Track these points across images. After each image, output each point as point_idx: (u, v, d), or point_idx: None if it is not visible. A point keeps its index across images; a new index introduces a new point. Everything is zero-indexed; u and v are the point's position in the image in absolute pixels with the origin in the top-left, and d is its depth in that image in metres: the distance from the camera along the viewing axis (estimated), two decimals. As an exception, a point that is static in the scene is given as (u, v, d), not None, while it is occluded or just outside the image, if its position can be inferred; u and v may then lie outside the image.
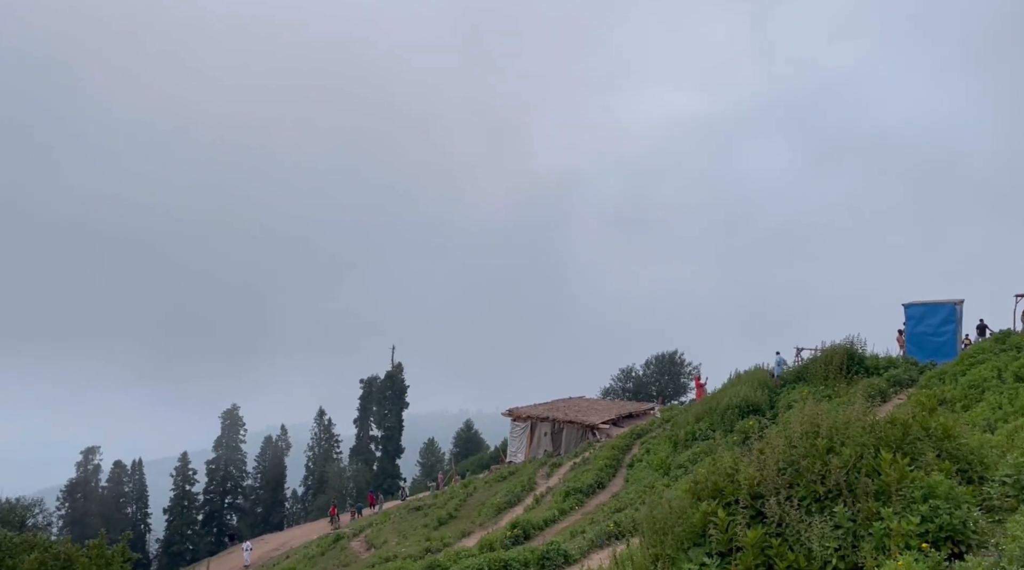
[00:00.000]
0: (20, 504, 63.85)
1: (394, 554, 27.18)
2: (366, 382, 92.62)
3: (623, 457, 34.66)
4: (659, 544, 8.16)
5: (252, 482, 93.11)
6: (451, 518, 35.24)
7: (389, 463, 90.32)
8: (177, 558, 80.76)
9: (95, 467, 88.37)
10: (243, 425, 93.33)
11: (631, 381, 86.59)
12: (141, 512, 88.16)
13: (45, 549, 20.38)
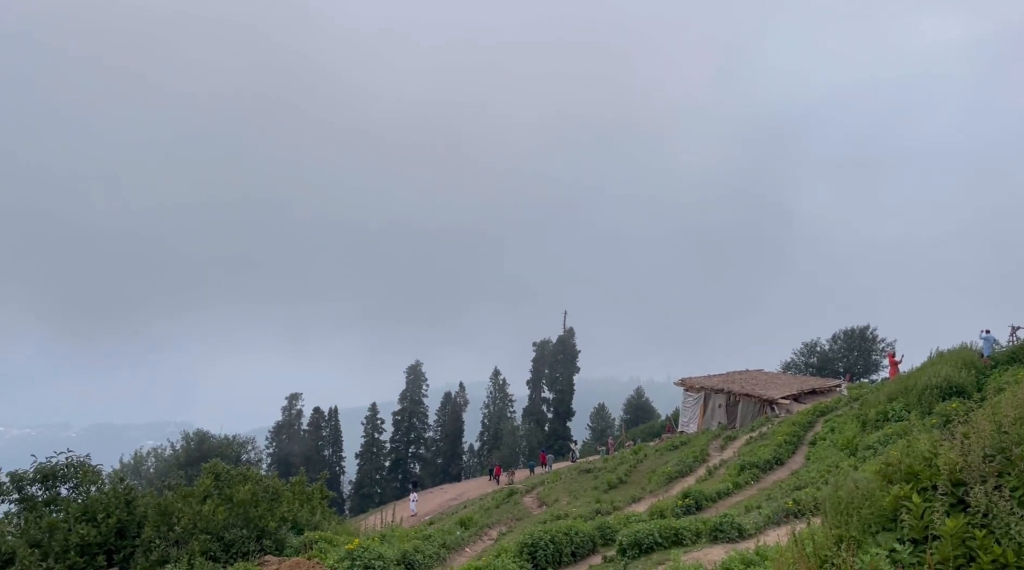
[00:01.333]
0: (236, 441, 72.02)
1: (565, 513, 27.82)
2: (538, 345, 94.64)
3: (804, 434, 33.00)
4: (844, 525, 7.74)
5: (433, 434, 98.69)
6: (621, 483, 35.43)
7: (560, 425, 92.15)
8: (367, 499, 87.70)
9: (297, 412, 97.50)
10: (425, 380, 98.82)
11: (815, 356, 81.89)
12: (336, 455, 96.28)
13: (256, 482, 22.89)
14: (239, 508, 20.38)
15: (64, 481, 21.90)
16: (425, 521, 36.54)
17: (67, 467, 22.14)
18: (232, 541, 19.56)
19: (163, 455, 71.72)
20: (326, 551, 18.78)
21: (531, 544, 16.38)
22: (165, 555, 19.40)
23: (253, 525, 20.18)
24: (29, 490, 21.61)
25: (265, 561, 18.77)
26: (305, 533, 21.20)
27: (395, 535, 21.05)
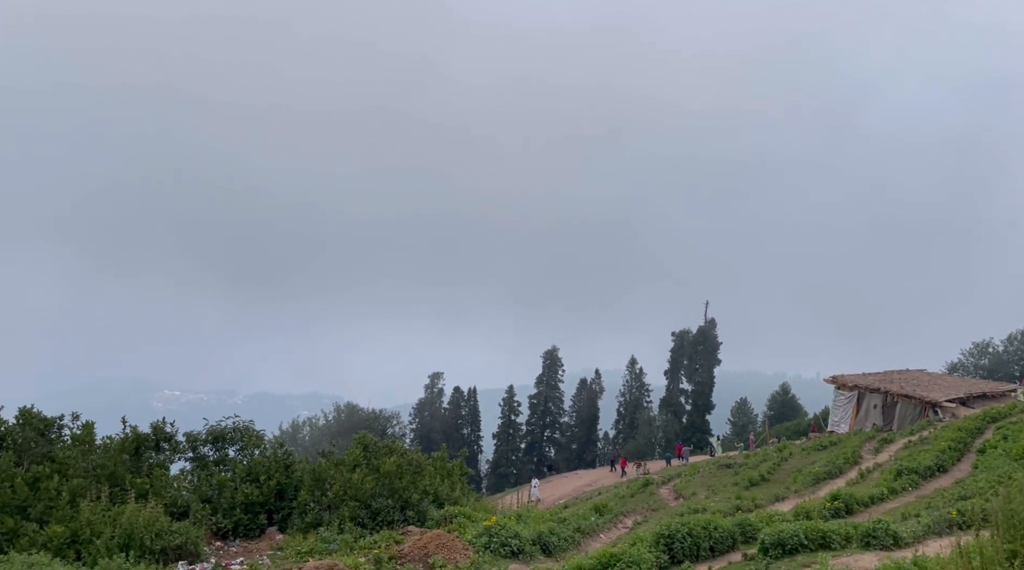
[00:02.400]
0: (382, 415, 75.79)
1: (703, 507, 27.20)
2: (678, 335, 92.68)
3: (972, 441, 30.41)
4: (1018, 540, 7.09)
5: (568, 420, 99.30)
6: (763, 480, 34.16)
7: (698, 418, 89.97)
8: (503, 479, 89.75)
9: (439, 390, 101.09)
10: (561, 366, 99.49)
11: (986, 357, 75.03)
12: (474, 434, 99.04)
13: (401, 455, 24.00)
14: (385, 479, 21.45)
15: (232, 443, 23.91)
16: (559, 504, 36.89)
17: (234, 431, 24.16)
18: (378, 510, 20.64)
19: (317, 425, 76.69)
20: (465, 526, 19.40)
21: (668, 535, 16.14)
22: (318, 518, 20.77)
23: (398, 496, 21.19)
24: (202, 450, 23.78)
25: (408, 531, 19.67)
26: (445, 507, 22.01)
27: (531, 516, 21.39)
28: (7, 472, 18.83)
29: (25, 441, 20.85)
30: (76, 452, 21.18)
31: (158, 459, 22.34)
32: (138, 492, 19.10)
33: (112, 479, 20.06)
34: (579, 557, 15.15)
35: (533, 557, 17.71)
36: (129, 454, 21.70)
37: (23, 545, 16.40)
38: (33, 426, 21.23)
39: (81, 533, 17.01)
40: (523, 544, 17.90)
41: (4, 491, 18.02)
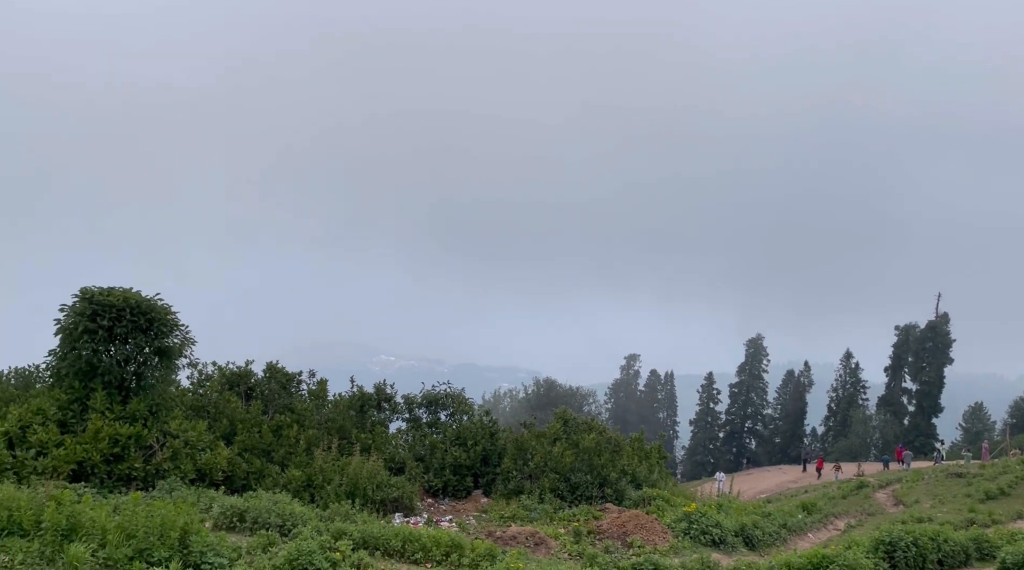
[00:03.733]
0: (579, 392, 76.81)
1: (928, 517, 24.80)
2: (902, 329, 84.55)
3: None
4: None
5: (771, 412, 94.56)
6: (1002, 494, 30.45)
7: (923, 420, 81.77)
8: (699, 467, 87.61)
9: (635, 372, 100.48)
10: (766, 355, 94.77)
11: None
12: (670, 419, 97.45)
13: (600, 432, 24.20)
14: (584, 454, 21.78)
15: (443, 408, 25.40)
16: (761, 499, 35.34)
17: (446, 397, 25.63)
18: (577, 484, 21.03)
19: (516, 397, 79.48)
20: (663, 509, 19.21)
21: (889, 542, 14.89)
22: (520, 486, 21.55)
23: (596, 472, 21.43)
24: (417, 412, 25.50)
25: (606, 508, 19.85)
26: (643, 489, 21.93)
27: (733, 507, 20.71)
28: (256, 419, 21.43)
29: (271, 393, 23.57)
30: (312, 405, 23.62)
31: (379, 417, 24.30)
32: (362, 446, 20.94)
33: (341, 432, 22.15)
34: (787, 554, 14.42)
35: (735, 549, 17.16)
36: (355, 411, 23.80)
37: (267, 484, 18.62)
38: (277, 380, 23.92)
39: (315, 478, 18.97)
40: (725, 534, 17.40)
41: (253, 435, 20.53)
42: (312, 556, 10.26)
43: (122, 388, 18.30)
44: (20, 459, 16.00)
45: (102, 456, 16.45)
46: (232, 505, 13.88)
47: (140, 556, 9.81)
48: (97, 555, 9.68)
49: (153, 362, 18.82)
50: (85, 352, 17.51)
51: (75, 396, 17.67)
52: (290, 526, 13.26)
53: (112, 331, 17.77)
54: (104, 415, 17.14)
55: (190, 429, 18.46)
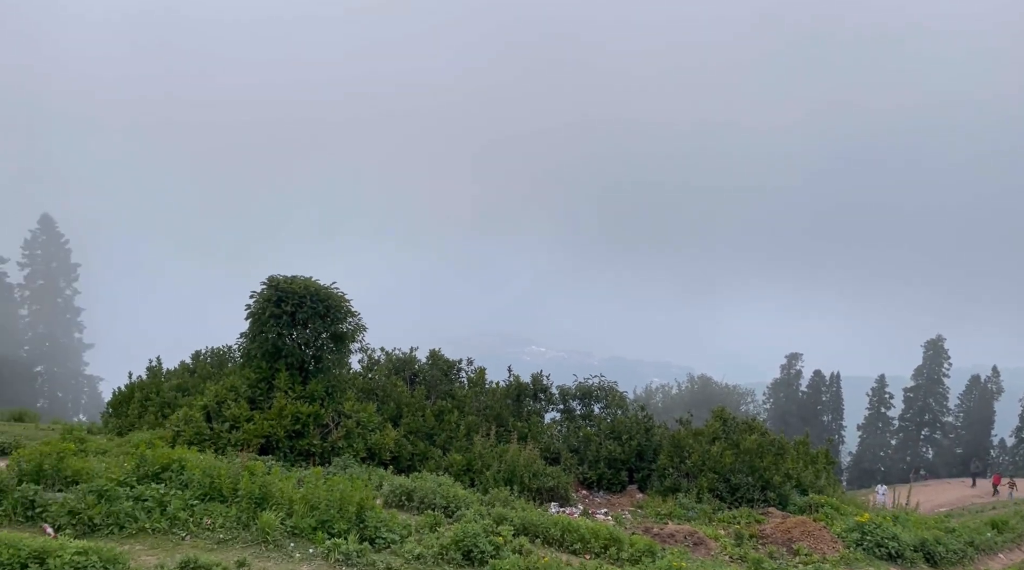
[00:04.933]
0: (736, 391, 74.12)
1: None
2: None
3: None
4: None
5: (952, 420, 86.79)
6: None
7: None
8: (867, 475, 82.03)
9: (797, 372, 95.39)
10: (947, 359, 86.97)
11: None
12: (836, 423, 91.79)
13: (762, 433, 23.20)
14: (745, 455, 20.98)
15: (597, 401, 25.37)
16: (940, 513, 32.56)
17: (600, 390, 25.58)
18: (737, 485, 20.31)
19: (669, 393, 77.92)
20: (832, 517, 18.15)
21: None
22: (676, 484, 21.14)
23: (758, 475, 20.59)
24: (571, 404, 25.63)
25: (768, 512, 19.04)
26: (809, 495, 20.83)
27: (910, 520, 19.23)
28: (420, 403, 22.42)
29: (433, 379, 24.57)
30: (471, 392, 24.38)
31: (534, 407, 24.66)
32: (519, 434, 21.36)
33: (498, 420, 22.70)
34: (977, 576, 13.21)
35: (914, 564, 15.93)
36: (512, 399, 24.30)
37: (430, 466, 19.44)
38: (439, 367, 24.89)
39: (474, 463, 19.58)
40: (902, 548, 16.18)
41: (417, 419, 21.50)
42: (477, 538, 10.60)
43: (302, 370, 19.74)
44: (216, 431, 17.69)
45: (285, 432, 17.85)
46: (401, 484, 14.62)
47: (322, 526, 10.57)
48: (285, 523, 10.53)
49: (329, 346, 20.12)
50: (271, 335, 19.02)
51: (262, 376, 19.26)
52: (453, 508, 13.78)
53: (294, 316, 19.20)
54: (287, 394, 18.58)
55: (361, 410, 19.62)
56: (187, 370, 25.99)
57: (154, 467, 11.69)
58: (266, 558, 9.56)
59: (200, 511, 10.66)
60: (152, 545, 9.72)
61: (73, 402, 71.17)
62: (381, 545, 10.60)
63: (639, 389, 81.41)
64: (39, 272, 71.64)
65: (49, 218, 73.76)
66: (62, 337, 71.81)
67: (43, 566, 7.87)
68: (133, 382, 26.40)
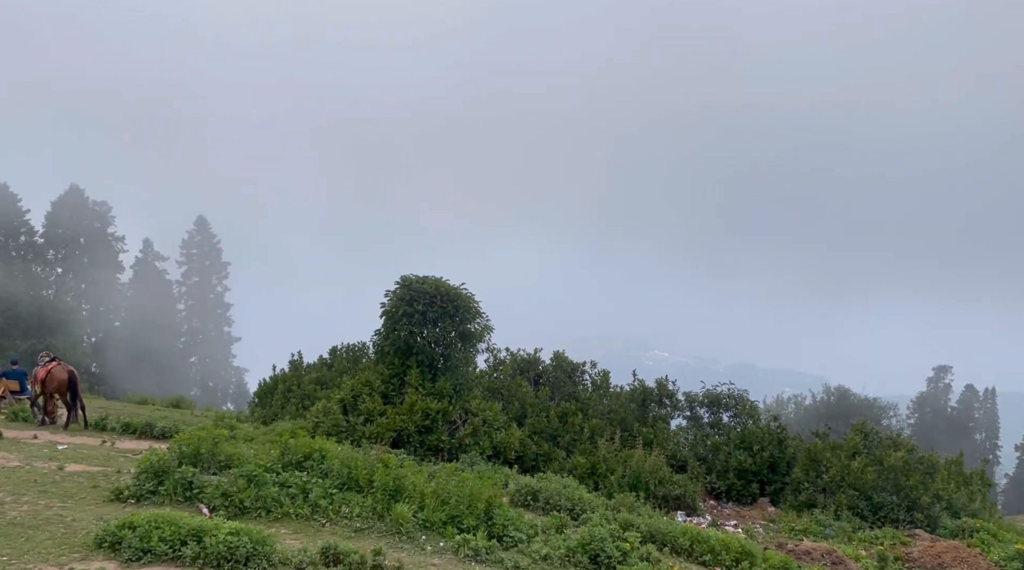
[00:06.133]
0: (877, 404, 69.61)
1: None
2: None
3: None
4: None
5: None
6: None
7: None
8: (1025, 501, 75.03)
9: (945, 386, 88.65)
10: None
11: None
12: (990, 442, 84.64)
13: (908, 450, 21.66)
14: (889, 473, 19.67)
15: (726, 409, 24.54)
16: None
17: (729, 397, 24.74)
18: (880, 504, 19.06)
19: (802, 404, 74.27)
20: (989, 544, 16.69)
21: None
22: (812, 499, 20.10)
23: (904, 494, 19.25)
24: (698, 411, 24.95)
25: (915, 534, 17.75)
26: (962, 518, 19.27)
27: (1083, 553, 17.35)
28: (544, 404, 22.51)
29: (556, 380, 24.61)
30: (595, 395, 24.23)
31: (660, 413, 24.18)
32: (644, 440, 21.01)
33: (622, 424, 22.42)
34: None
35: (1089, 604, 14.38)
36: (637, 404, 23.95)
37: (554, 468, 19.47)
38: (563, 368, 24.90)
39: (598, 467, 19.44)
40: (1076, 585, 14.64)
41: (541, 420, 21.60)
42: (604, 543, 10.50)
43: (431, 367, 20.30)
44: (352, 424, 18.50)
45: (415, 427, 18.41)
46: (526, 484, 14.72)
47: (452, 521, 10.80)
48: (417, 516, 10.83)
49: (457, 345, 20.60)
50: (403, 333, 19.69)
51: (395, 372, 19.97)
52: (579, 511, 13.73)
53: (425, 315, 19.78)
54: (417, 390, 19.17)
55: (487, 409, 19.94)
56: (325, 364, 27.34)
57: (297, 456, 12.34)
58: (399, 549, 9.86)
59: (339, 500, 11.16)
60: (295, 529, 10.26)
61: (222, 391, 76.55)
62: (508, 543, 10.70)
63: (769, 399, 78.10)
64: (194, 270, 77.54)
65: (204, 220, 79.70)
66: (213, 331, 77.36)
67: (200, 543, 8.46)
68: (276, 374, 28.08)
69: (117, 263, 71.11)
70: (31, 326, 54.73)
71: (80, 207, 67.70)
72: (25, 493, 11.04)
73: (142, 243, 74.62)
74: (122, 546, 8.49)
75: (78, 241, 67.81)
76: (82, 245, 68.02)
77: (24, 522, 9.56)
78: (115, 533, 8.66)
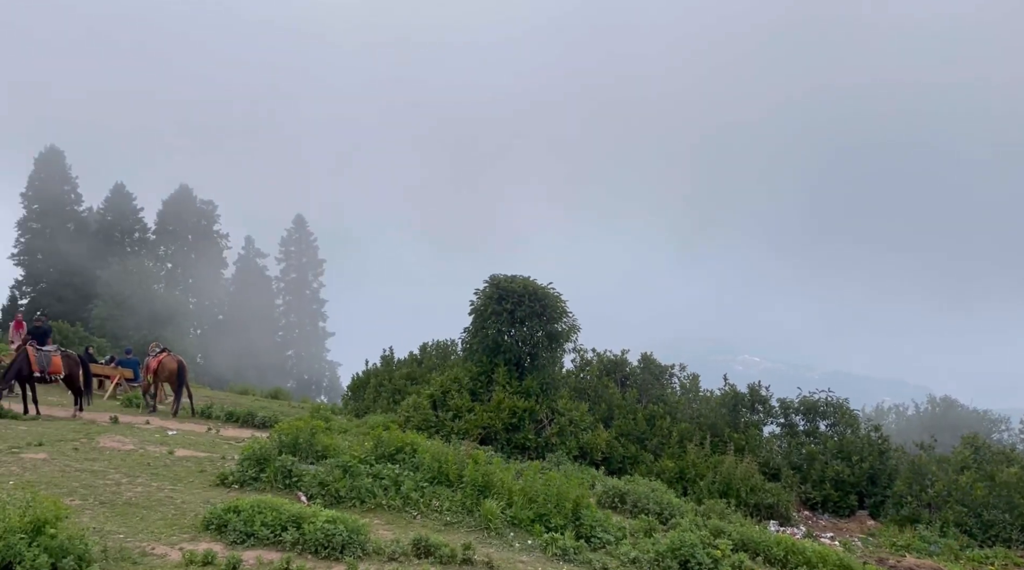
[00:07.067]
0: (987, 417, 65.55)
1: None
2: None
3: None
4: None
5: None
6: None
7: None
8: None
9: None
10: None
11: None
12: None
13: (1023, 466, 20.33)
14: (1002, 489, 18.49)
15: (823, 417, 23.64)
16: None
17: (827, 405, 23.82)
18: (991, 522, 17.94)
19: (904, 414, 70.73)
20: (1116, 572, 15.46)
21: None
22: (916, 514, 19.11)
23: (1017, 512, 18.06)
24: (792, 418, 24.13)
25: (1031, 557, 16.63)
26: (1085, 543, 17.91)
27: None
28: (631, 406, 22.27)
29: (644, 382, 24.31)
30: (683, 399, 23.81)
31: (752, 419, 23.51)
32: (735, 446, 20.49)
33: (712, 429, 21.93)
34: None
35: None
36: (727, 409, 23.37)
37: (641, 471, 19.24)
38: (651, 370, 24.58)
39: (687, 471, 19.09)
40: None
41: (628, 422, 21.38)
42: (694, 549, 10.30)
43: (519, 366, 20.42)
44: (441, 419, 18.81)
45: (503, 425, 18.56)
46: (614, 486, 14.61)
47: (540, 520, 10.84)
48: (505, 513, 10.92)
49: (544, 344, 20.63)
50: (491, 331, 19.89)
51: (482, 369, 20.19)
52: (667, 515, 13.52)
53: (513, 314, 19.91)
54: (505, 388, 19.32)
55: (574, 409, 19.90)
56: (415, 360, 27.93)
57: (389, 448, 12.66)
58: (488, 544, 9.97)
59: (429, 493, 11.38)
60: (388, 520, 10.52)
61: (316, 384, 79.29)
62: (596, 544, 10.64)
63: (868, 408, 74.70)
64: (292, 266, 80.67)
65: (302, 218, 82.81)
66: (309, 325, 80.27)
67: (299, 530, 8.79)
68: (368, 369, 28.89)
69: (221, 259, 74.76)
70: (143, 318, 58.16)
71: (188, 206, 71.55)
72: (139, 475, 11.76)
73: (244, 240, 78.19)
74: (227, 529, 8.92)
75: (186, 238, 71.70)
76: (190, 242, 71.87)
77: (139, 502, 10.18)
78: (221, 516, 9.11)
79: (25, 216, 63.99)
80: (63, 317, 46.63)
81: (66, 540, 7.27)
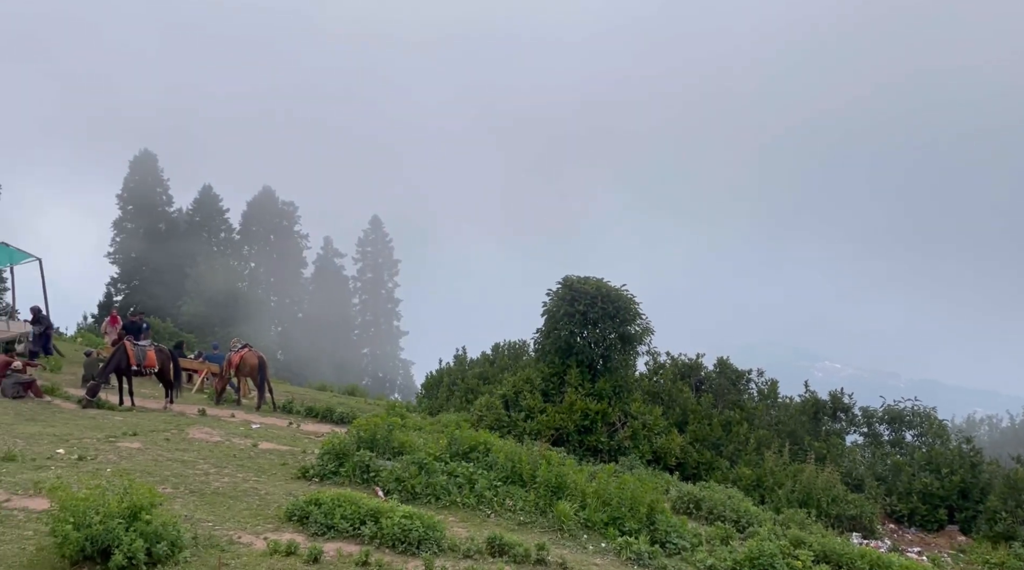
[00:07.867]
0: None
1: None
2: None
3: None
4: None
5: None
6: None
7: None
8: None
9: None
10: None
11: None
12: None
13: None
14: (1109, 510, 17.37)
15: (909, 427, 22.69)
16: None
17: (913, 414, 22.85)
18: (1096, 544, 16.86)
19: (998, 426, 67.18)
20: None
21: None
22: (1011, 530, 18.10)
23: None
24: (876, 427, 23.24)
25: None
26: None
27: None
28: (706, 411, 21.86)
29: (720, 387, 23.81)
30: (761, 405, 23.22)
31: (833, 427, 22.76)
32: (816, 455, 19.86)
33: (791, 437, 21.32)
34: None
35: None
36: (808, 416, 22.68)
37: (717, 477, 18.84)
38: (727, 375, 24.06)
39: (765, 479, 18.60)
40: None
41: (703, 427, 20.98)
42: (773, 558, 10.04)
43: (591, 368, 20.32)
44: (513, 419, 18.90)
45: (575, 426, 18.52)
46: (689, 492, 14.38)
47: (613, 523, 10.77)
48: (579, 515, 10.90)
49: (617, 347, 20.46)
50: (564, 333, 19.86)
51: (555, 371, 20.18)
52: (744, 523, 13.22)
53: (586, 316, 19.84)
54: (577, 390, 19.27)
55: (647, 413, 19.67)
56: (487, 360, 28.13)
57: (463, 447, 12.80)
58: (562, 545, 9.97)
59: (503, 492, 11.46)
60: (462, 518, 10.65)
61: (390, 382, 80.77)
62: (671, 550, 10.50)
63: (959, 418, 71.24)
64: (368, 266, 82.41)
65: (378, 219, 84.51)
66: (384, 324, 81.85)
67: (377, 524, 8.99)
68: (442, 368, 29.26)
69: (301, 259, 77.02)
70: (228, 315, 60.49)
71: (271, 207, 73.99)
72: (226, 466, 12.24)
73: (323, 241, 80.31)
74: (309, 521, 9.20)
75: (268, 238, 74.17)
76: (272, 242, 74.33)
77: (226, 492, 10.60)
78: (303, 508, 9.40)
79: (120, 217, 67.38)
80: (155, 313, 48.95)
81: (160, 526, 7.64)
